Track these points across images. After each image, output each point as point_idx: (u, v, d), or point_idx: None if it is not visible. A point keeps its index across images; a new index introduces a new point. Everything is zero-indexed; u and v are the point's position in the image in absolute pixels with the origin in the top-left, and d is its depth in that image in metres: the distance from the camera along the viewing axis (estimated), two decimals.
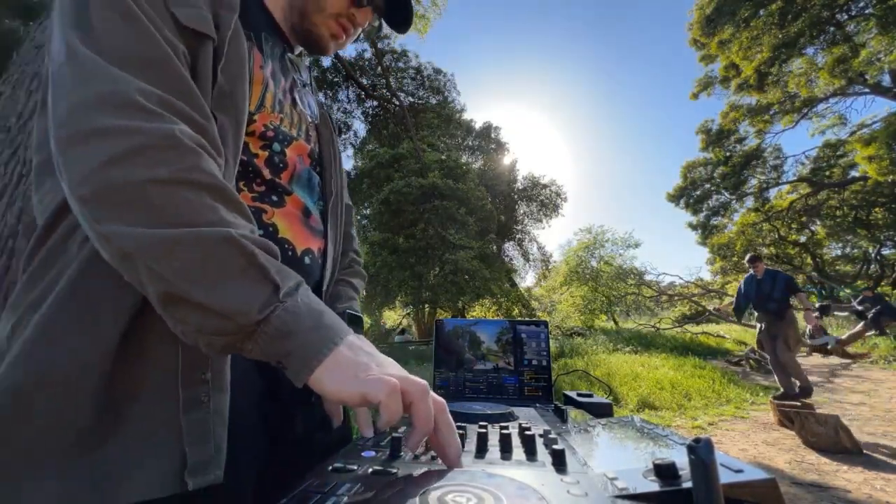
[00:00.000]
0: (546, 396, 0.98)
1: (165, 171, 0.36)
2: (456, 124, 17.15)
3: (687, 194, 19.46)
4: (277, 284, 0.38)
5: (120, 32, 0.41)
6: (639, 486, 0.34)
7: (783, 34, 12.66)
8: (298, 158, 0.62)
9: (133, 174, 0.35)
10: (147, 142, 0.36)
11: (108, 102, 0.37)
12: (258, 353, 0.38)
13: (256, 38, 0.59)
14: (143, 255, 0.35)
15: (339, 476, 0.38)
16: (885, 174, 11.48)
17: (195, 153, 0.39)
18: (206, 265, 0.36)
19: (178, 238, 0.35)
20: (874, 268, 16.94)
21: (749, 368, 7.24)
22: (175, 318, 0.37)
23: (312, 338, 0.38)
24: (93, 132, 0.36)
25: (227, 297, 0.36)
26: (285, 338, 0.37)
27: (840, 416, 3.07)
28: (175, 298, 0.36)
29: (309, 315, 0.39)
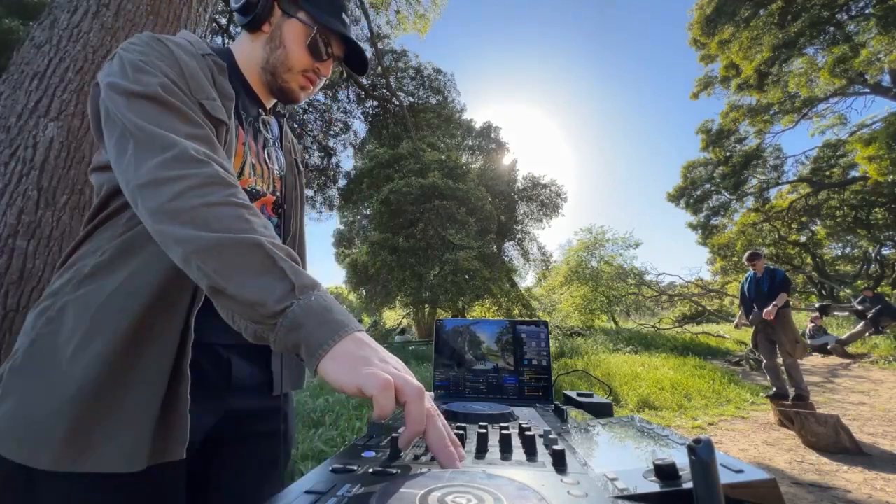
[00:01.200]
0: (546, 396, 0.98)
1: (215, 197, 0.49)
2: (456, 124, 17.14)
3: (687, 194, 19.44)
4: (293, 283, 0.46)
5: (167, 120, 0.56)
6: (639, 487, 0.34)
7: (783, 34, 12.65)
8: (262, 208, 0.76)
9: (191, 201, 0.48)
10: (202, 179, 0.50)
11: (174, 158, 0.51)
12: (280, 345, 0.45)
13: (236, 108, 0.72)
14: (196, 255, 0.46)
15: (339, 476, 0.38)
16: (885, 174, 11.47)
17: (234, 185, 0.53)
18: (239, 264, 0.46)
19: (222, 240, 0.46)
20: (874, 268, 16.94)
21: (749, 368, 7.24)
22: (220, 306, 0.49)
23: (319, 331, 0.44)
24: (166, 179, 0.50)
25: (252, 290, 0.45)
26: (297, 329, 0.44)
27: (840, 416, 3.07)
28: (216, 290, 0.46)
29: (320, 311, 0.45)
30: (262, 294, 0.45)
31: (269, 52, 0.76)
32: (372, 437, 0.56)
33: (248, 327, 0.47)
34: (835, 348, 7.88)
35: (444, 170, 13.46)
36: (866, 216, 15.64)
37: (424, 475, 0.37)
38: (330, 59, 0.79)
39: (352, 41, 0.80)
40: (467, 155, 19.34)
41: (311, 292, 0.46)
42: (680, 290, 16.57)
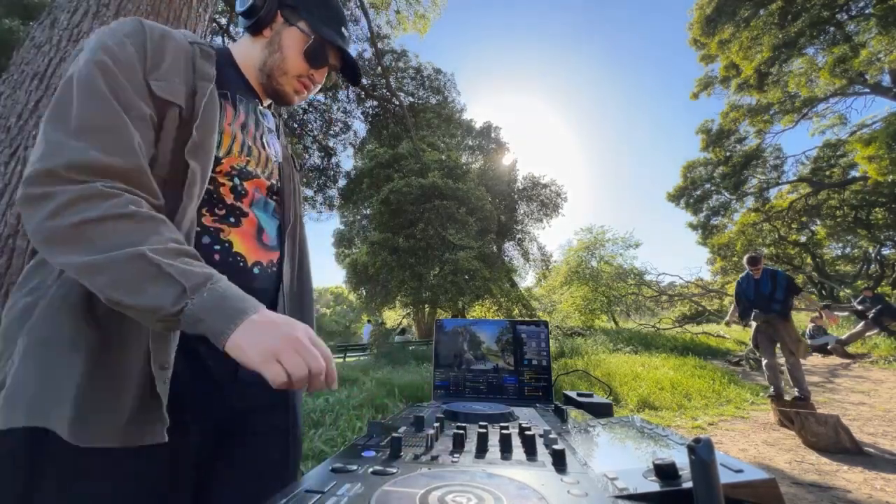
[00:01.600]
0: (546, 396, 0.98)
1: (92, 213, 0.50)
2: (456, 124, 17.13)
3: (687, 194, 19.43)
4: (183, 286, 0.49)
5: (85, 108, 0.56)
6: (639, 486, 0.34)
7: (783, 34, 12.65)
8: (255, 189, 0.77)
9: (67, 219, 0.50)
10: (74, 195, 0.51)
11: (49, 175, 0.52)
12: (187, 331, 0.50)
13: (231, 96, 0.75)
14: (82, 277, 0.50)
15: (339, 476, 0.38)
16: (885, 174, 11.46)
17: (113, 194, 0.52)
18: (127, 278, 0.49)
19: (97, 263, 0.49)
20: (874, 268, 16.93)
21: (749, 368, 7.24)
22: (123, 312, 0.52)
23: (217, 321, 0.50)
24: (39, 196, 0.51)
25: (145, 299, 0.49)
26: (198, 324, 0.49)
27: (840, 416, 3.07)
28: (113, 303, 0.50)
29: (214, 303, 0.50)
30: (156, 301, 0.48)
31: (268, 55, 0.79)
32: (372, 437, 0.56)
33: (154, 325, 0.52)
34: (835, 348, 7.88)
35: (444, 170, 13.46)
36: (866, 216, 15.63)
37: (424, 475, 0.37)
38: (325, 67, 0.83)
39: (348, 55, 0.84)
40: (467, 155, 19.34)
41: (202, 289, 0.50)
42: (680, 290, 16.57)
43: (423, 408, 0.86)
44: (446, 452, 0.47)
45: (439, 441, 0.53)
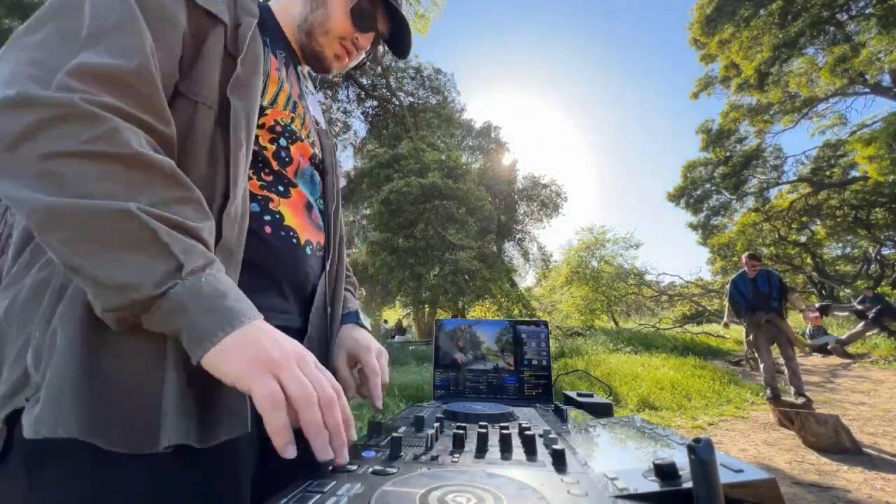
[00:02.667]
0: (546, 396, 0.98)
1: (68, 144, 0.38)
2: (456, 124, 17.15)
3: (687, 194, 19.44)
4: (181, 262, 0.38)
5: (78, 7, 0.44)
6: (639, 486, 0.34)
7: (783, 34, 12.65)
8: (301, 157, 0.66)
9: (32, 150, 0.37)
10: (45, 117, 0.38)
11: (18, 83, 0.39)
12: (150, 325, 0.39)
13: (272, 48, 0.64)
14: (33, 220, 0.37)
15: (339, 476, 0.38)
16: (885, 174, 11.46)
17: (102, 123, 0.39)
18: (98, 237, 0.37)
19: (62, 208, 0.36)
20: (874, 268, 16.93)
21: (749, 368, 7.23)
22: (79, 283, 0.39)
23: (207, 319, 0.38)
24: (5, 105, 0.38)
25: (119, 270, 0.37)
26: (177, 314, 0.38)
27: (840, 416, 3.07)
28: (68, 267, 0.38)
29: (211, 295, 0.39)
30: (134, 276, 0.37)
31: (309, 11, 0.69)
32: (372, 437, 0.56)
33: (104, 316, 0.38)
34: (835, 348, 7.88)
35: (444, 170, 13.45)
36: (866, 216, 15.63)
37: (424, 475, 0.37)
38: (372, 32, 0.72)
39: (400, 17, 0.72)
40: (467, 155, 19.34)
41: (200, 273, 0.39)
42: (680, 290, 16.57)
43: (423, 408, 0.86)
44: (446, 452, 0.47)
45: (439, 441, 0.53)
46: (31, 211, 0.37)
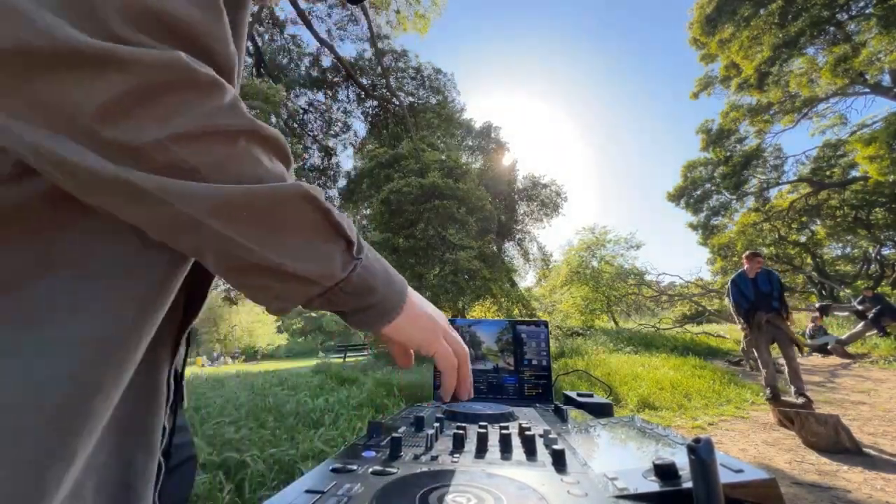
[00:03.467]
0: (546, 396, 0.98)
1: (193, 120, 0.29)
2: (456, 124, 17.15)
3: (687, 194, 19.45)
4: (351, 240, 0.37)
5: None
6: (639, 486, 0.34)
7: (783, 33, 12.65)
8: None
9: (148, 128, 0.27)
10: (152, 79, 0.27)
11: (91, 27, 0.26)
12: (326, 307, 0.38)
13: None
14: (214, 219, 0.30)
15: (339, 476, 0.38)
16: (885, 174, 11.47)
17: (216, 88, 0.30)
18: (285, 225, 0.32)
19: (234, 199, 0.30)
20: (874, 268, 16.94)
21: (749, 368, 7.23)
22: (246, 286, 0.34)
23: (389, 292, 0.40)
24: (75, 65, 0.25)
25: (316, 261, 0.34)
26: (368, 294, 0.38)
27: (840, 416, 3.07)
28: (246, 266, 0.32)
29: (381, 270, 0.40)
30: (323, 263, 0.34)
31: None
32: (372, 437, 0.56)
33: (283, 306, 0.36)
34: (835, 348, 7.88)
35: (444, 170, 13.46)
36: (866, 216, 15.64)
37: (424, 474, 0.37)
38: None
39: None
40: (467, 155, 19.33)
41: (363, 248, 0.38)
42: (680, 290, 16.58)
43: (423, 408, 0.86)
44: (446, 452, 0.47)
45: (439, 441, 0.53)
46: (208, 201, 0.29)
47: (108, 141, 0.27)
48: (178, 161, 0.28)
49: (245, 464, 2.37)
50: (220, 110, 0.30)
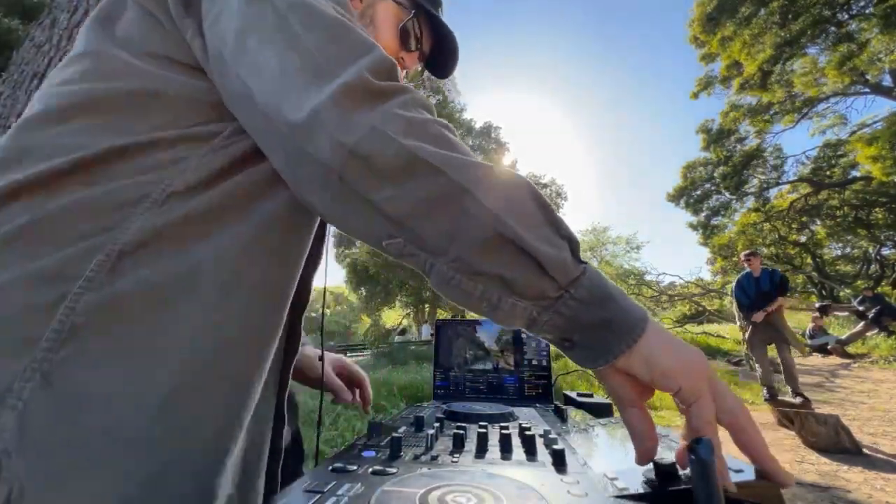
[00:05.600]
0: (546, 396, 0.98)
1: (437, 127, 0.36)
2: (456, 124, 17.15)
3: (687, 194, 19.45)
4: (574, 239, 0.34)
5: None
6: (639, 487, 0.34)
7: (784, 33, 12.65)
8: None
9: (426, 131, 0.34)
10: (408, 99, 0.36)
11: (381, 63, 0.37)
12: (552, 327, 0.33)
13: None
14: (500, 225, 0.31)
15: (339, 476, 0.38)
16: (889, 174, 11.46)
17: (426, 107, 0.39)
18: (524, 210, 0.33)
19: (500, 173, 0.33)
20: (874, 268, 16.94)
21: (749, 368, 7.23)
22: (490, 262, 0.32)
23: (627, 303, 0.32)
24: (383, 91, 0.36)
25: (553, 250, 0.31)
26: (605, 301, 0.32)
27: (840, 416, 3.07)
28: (503, 240, 0.31)
29: (603, 278, 0.33)
30: (560, 255, 0.32)
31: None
32: (372, 437, 0.56)
33: (514, 310, 0.33)
34: (835, 348, 7.88)
35: None
36: (866, 216, 15.64)
37: (424, 475, 0.37)
38: (417, 52, 0.69)
39: (447, 34, 0.69)
40: None
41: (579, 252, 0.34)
42: (680, 290, 16.59)
43: (423, 408, 0.86)
44: (446, 452, 0.47)
45: (439, 441, 0.53)
46: (490, 215, 0.31)
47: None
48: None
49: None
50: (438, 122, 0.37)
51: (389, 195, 0.33)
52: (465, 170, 0.32)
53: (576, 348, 0.34)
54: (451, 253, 0.33)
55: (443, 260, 0.33)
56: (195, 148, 0.40)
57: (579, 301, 0.32)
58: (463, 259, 0.32)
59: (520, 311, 0.33)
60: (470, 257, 0.32)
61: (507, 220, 0.31)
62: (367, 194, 0.33)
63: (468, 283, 0.33)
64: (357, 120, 0.33)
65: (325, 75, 0.35)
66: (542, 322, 0.33)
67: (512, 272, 0.32)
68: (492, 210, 0.31)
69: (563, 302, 0.32)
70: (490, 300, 0.33)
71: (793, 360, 4.08)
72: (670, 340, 0.32)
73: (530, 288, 0.32)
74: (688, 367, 0.31)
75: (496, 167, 0.34)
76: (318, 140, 0.33)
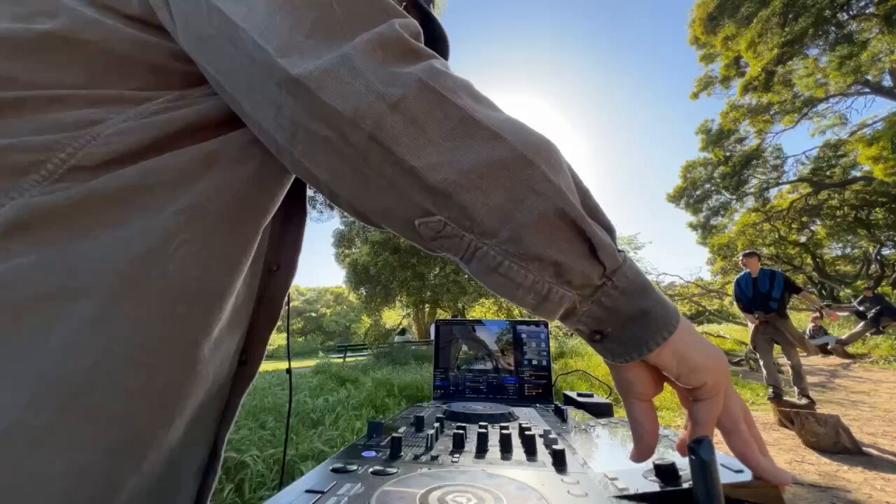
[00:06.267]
0: (546, 396, 0.98)
1: (463, 87, 0.31)
2: None
3: (687, 194, 19.46)
4: (610, 225, 0.31)
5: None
6: (639, 487, 0.34)
7: (785, 32, 12.65)
8: None
9: (450, 88, 0.30)
10: (432, 66, 0.31)
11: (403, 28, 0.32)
12: (589, 318, 0.30)
13: None
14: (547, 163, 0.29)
15: (339, 476, 0.38)
16: (891, 174, 11.46)
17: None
18: (583, 186, 0.31)
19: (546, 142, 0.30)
20: (874, 268, 16.94)
21: (749, 368, 7.24)
22: (548, 245, 0.28)
23: (661, 296, 0.30)
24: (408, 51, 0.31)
25: (600, 227, 0.30)
26: (644, 292, 0.30)
27: (840, 416, 3.07)
28: (565, 219, 0.28)
29: (640, 273, 0.31)
30: (608, 238, 0.30)
31: None
32: (372, 437, 0.56)
33: (563, 295, 0.30)
34: (835, 348, 7.88)
35: None
36: (866, 216, 15.64)
37: (424, 475, 0.37)
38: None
39: (440, 36, 0.60)
40: None
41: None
42: (680, 290, 16.58)
43: (423, 408, 0.86)
44: (446, 452, 0.47)
45: (439, 441, 0.53)
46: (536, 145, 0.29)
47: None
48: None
49: (245, 464, 2.37)
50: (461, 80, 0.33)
51: (436, 161, 0.27)
52: (526, 136, 0.29)
53: (607, 341, 0.31)
54: (502, 233, 0.28)
55: (492, 242, 0.28)
56: (117, 112, 0.32)
57: (621, 291, 0.29)
58: (518, 241, 0.28)
59: (566, 300, 0.30)
60: (527, 238, 0.28)
61: (569, 197, 0.28)
62: (406, 158, 0.27)
63: (518, 271, 0.29)
64: (399, 71, 0.28)
65: (356, 20, 0.30)
66: (581, 312, 0.30)
67: (567, 256, 0.28)
68: (557, 185, 0.28)
69: (605, 291, 0.29)
70: (539, 291, 0.29)
71: (800, 361, 4.07)
72: (697, 335, 0.31)
73: (580, 275, 0.29)
74: (715, 364, 0.30)
75: (546, 138, 0.30)
76: (346, 88, 0.27)
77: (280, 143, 0.31)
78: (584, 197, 0.30)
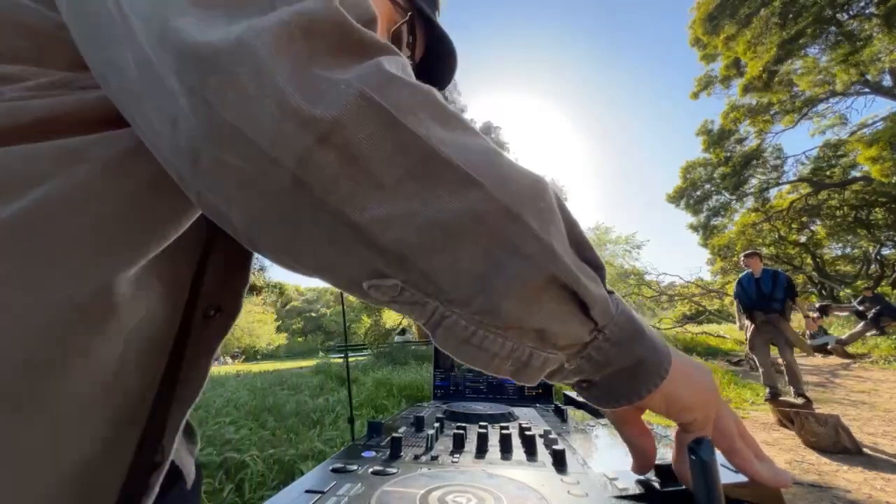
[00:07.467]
0: (546, 396, 0.98)
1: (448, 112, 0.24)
2: None
3: (687, 195, 19.46)
4: (600, 265, 0.27)
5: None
6: (639, 487, 0.34)
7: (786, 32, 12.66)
8: None
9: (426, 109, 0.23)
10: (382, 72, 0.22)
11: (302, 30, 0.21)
12: (576, 373, 0.27)
13: None
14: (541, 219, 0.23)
15: (339, 476, 0.38)
16: (889, 175, 11.46)
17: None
18: (567, 229, 0.26)
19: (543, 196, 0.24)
20: (874, 268, 16.94)
21: (749, 368, 7.24)
22: (532, 312, 0.23)
23: (654, 338, 0.28)
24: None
25: (590, 280, 0.25)
26: (637, 339, 0.27)
27: (840, 416, 3.07)
28: (555, 283, 0.23)
29: (633, 321, 0.28)
30: (600, 290, 0.26)
31: None
32: (372, 437, 0.56)
33: (547, 358, 0.26)
34: (835, 348, 7.88)
35: None
36: (866, 216, 15.65)
37: (424, 475, 0.37)
38: (409, 59, 0.58)
39: (446, 45, 0.56)
40: None
41: (612, 292, 0.28)
42: (680, 290, 16.59)
43: (423, 408, 0.86)
44: (446, 452, 0.47)
45: (439, 441, 0.53)
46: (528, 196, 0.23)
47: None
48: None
49: (245, 464, 2.37)
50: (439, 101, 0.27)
51: (386, 214, 0.21)
52: (510, 180, 0.22)
53: (594, 388, 0.29)
54: (475, 304, 0.23)
55: (462, 312, 0.23)
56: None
57: (612, 342, 0.26)
58: (496, 312, 0.23)
59: (550, 363, 0.26)
60: (506, 309, 0.23)
61: (562, 257, 0.23)
62: (345, 211, 0.20)
63: (494, 340, 0.24)
64: (331, 77, 0.20)
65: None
66: (567, 371, 0.27)
67: (554, 322, 0.24)
68: (549, 244, 0.23)
69: (595, 346, 0.26)
70: (519, 358, 0.25)
71: (795, 361, 4.08)
72: (686, 369, 0.29)
73: (568, 336, 0.25)
74: (704, 399, 0.29)
75: (535, 177, 0.24)
76: (251, 105, 0.19)
77: (180, 173, 0.23)
78: (576, 244, 0.26)
